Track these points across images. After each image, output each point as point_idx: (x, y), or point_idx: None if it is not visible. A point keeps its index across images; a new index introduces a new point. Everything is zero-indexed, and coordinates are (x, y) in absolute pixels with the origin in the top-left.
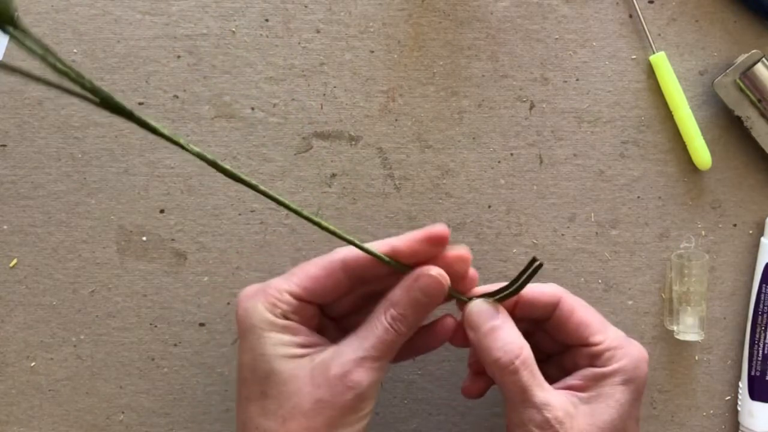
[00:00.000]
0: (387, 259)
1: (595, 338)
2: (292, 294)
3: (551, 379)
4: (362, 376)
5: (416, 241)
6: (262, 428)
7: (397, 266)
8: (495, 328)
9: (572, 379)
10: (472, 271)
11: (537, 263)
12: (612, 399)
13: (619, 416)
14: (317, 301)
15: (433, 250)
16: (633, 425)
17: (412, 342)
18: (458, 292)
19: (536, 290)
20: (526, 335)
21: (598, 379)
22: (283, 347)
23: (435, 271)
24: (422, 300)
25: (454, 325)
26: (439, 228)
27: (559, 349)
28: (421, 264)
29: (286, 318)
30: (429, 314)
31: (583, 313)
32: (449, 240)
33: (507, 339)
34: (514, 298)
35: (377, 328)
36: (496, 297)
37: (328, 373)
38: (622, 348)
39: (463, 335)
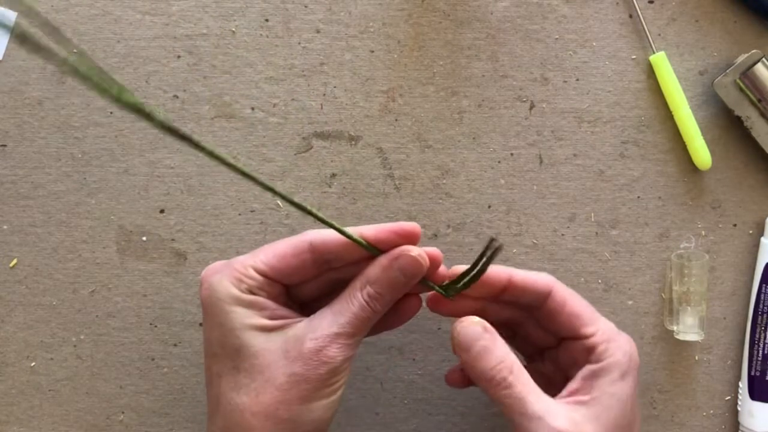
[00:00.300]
0: (362, 241)
1: (588, 330)
2: (257, 270)
3: (549, 378)
4: (336, 352)
5: (385, 231)
6: (235, 403)
7: (371, 249)
8: (485, 348)
9: (573, 384)
10: (443, 268)
11: (497, 245)
12: (614, 398)
13: (622, 413)
14: (283, 279)
15: (401, 243)
16: (636, 414)
17: (383, 317)
18: (428, 280)
19: (529, 277)
20: (517, 325)
21: (597, 376)
22: (253, 321)
23: (416, 251)
24: (400, 279)
25: (419, 306)
26: (411, 225)
27: (551, 342)
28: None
29: (252, 293)
30: (402, 294)
31: (576, 303)
32: (420, 240)
33: (498, 357)
34: (504, 281)
35: (353, 304)
36: (462, 282)
37: (301, 347)
38: (615, 341)
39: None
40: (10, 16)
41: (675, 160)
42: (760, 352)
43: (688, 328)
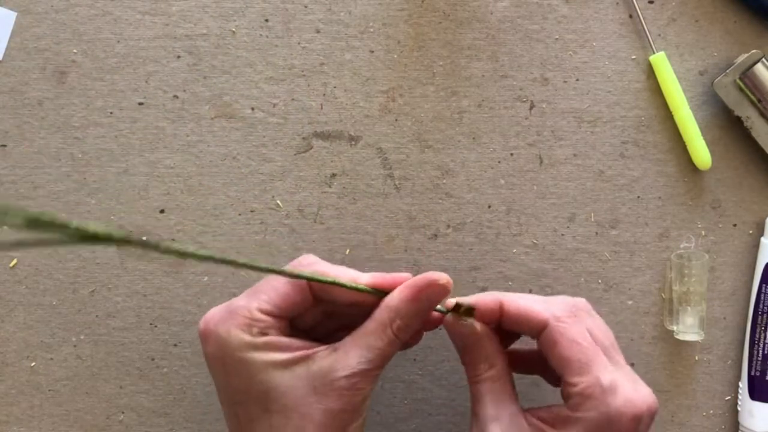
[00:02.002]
0: (365, 287)
1: (571, 379)
2: (263, 311)
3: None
4: (367, 383)
5: (383, 280)
6: None
7: (369, 292)
8: (467, 346)
9: (545, 411)
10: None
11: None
12: None
13: None
14: (286, 315)
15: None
16: None
17: None
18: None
19: (523, 310)
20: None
21: (564, 422)
22: (272, 361)
23: (444, 279)
24: (428, 308)
25: (420, 340)
26: (405, 277)
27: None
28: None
29: (264, 334)
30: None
31: (566, 349)
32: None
33: (484, 355)
34: (497, 310)
35: (382, 340)
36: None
37: (333, 384)
38: (597, 399)
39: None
40: (10, 16)
41: (675, 160)
42: (760, 352)
43: (688, 328)
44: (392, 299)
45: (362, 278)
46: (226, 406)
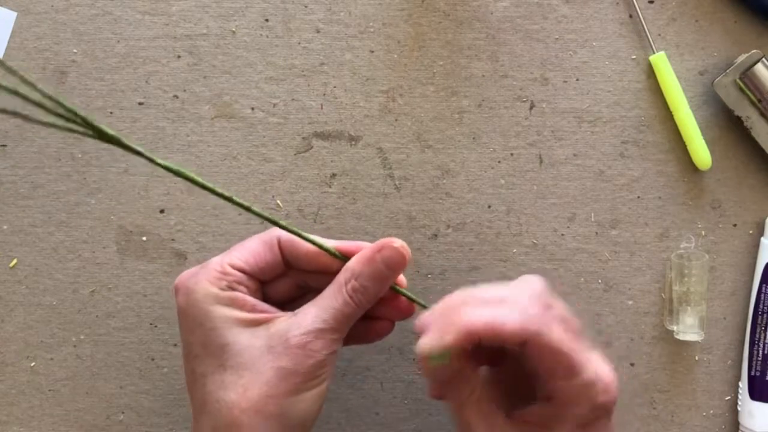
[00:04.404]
0: (331, 248)
1: (559, 383)
2: (234, 266)
3: (510, 384)
4: (321, 346)
5: (352, 245)
6: (223, 401)
7: (339, 257)
8: (453, 376)
9: (530, 411)
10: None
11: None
12: None
13: None
14: (258, 275)
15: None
16: None
17: (353, 329)
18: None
19: (495, 331)
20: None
21: (553, 420)
22: (235, 316)
23: (398, 242)
24: (384, 272)
25: (390, 329)
26: (396, 248)
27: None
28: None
29: (232, 289)
30: (386, 288)
31: (552, 360)
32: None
33: (460, 381)
34: (469, 341)
35: (337, 300)
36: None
37: (287, 342)
38: (587, 394)
39: None
40: (10, 16)
41: (675, 160)
42: (760, 352)
43: (688, 328)
44: (351, 261)
45: (329, 243)
46: (186, 360)
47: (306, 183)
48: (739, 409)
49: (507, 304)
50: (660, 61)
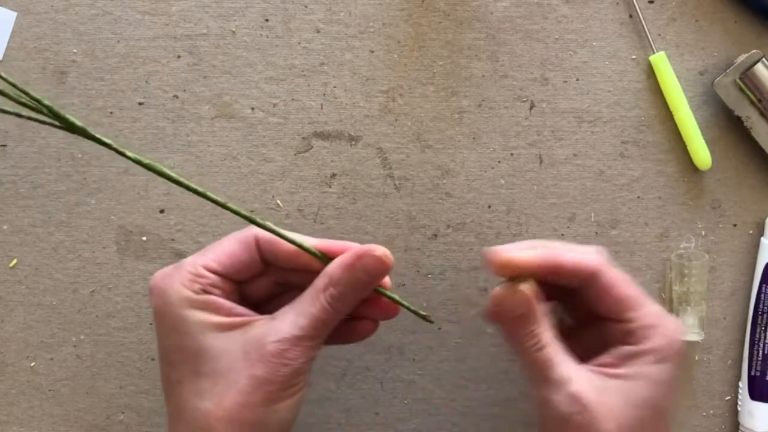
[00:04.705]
0: (311, 248)
1: (631, 314)
2: (208, 268)
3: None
4: (298, 353)
5: (330, 248)
6: (198, 409)
7: (320, 257)
8: (522, 317)
9: (604, 357)
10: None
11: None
12: (648, 378)
13: (655, 395)
14: (234, 276)
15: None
16: (668, 403)
17: (335, 329)
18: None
19: (570, 260)
20: (558, 299)
21: (631, 358)
22: (209, 321)
23: (380, 251)
24: (364, 280)
25: (373, 330)
26: (377, 253)
27: (587, 321)
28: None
29: (206, 293)
30: (366, 294)
31: (622, 288)
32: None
33: (532, 324)
34: (550, 266)
35: (315, 306)
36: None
37: (263, 349)
38: (658, 327)
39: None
40: (10, 16)
41: (675, 160)
42: (760, 352)
43: (688, 328)
44: (330, 266)
45: (310, 241)
46: (161, 365)
47: (306, 183)
48: (739, 409)
49: (575, 250)
50: (660, 61)
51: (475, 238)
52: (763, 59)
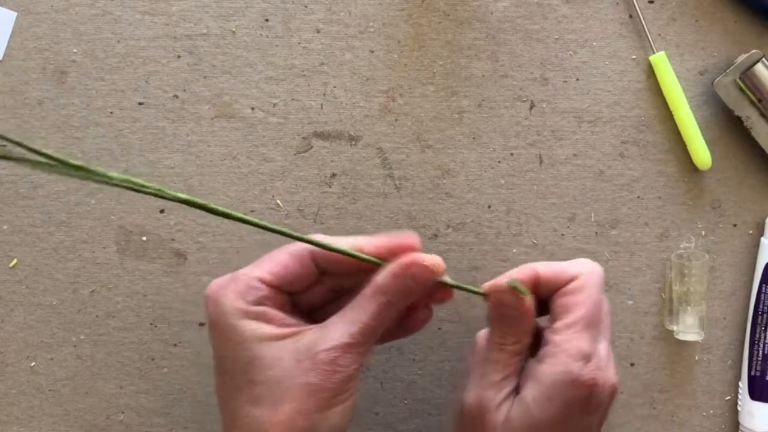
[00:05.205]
0: (362, 255)
1: (559, 324)
2: (262, 280)
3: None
4: (349, 361)
5: (385, 244)
6: (254, 416)
7: (371, 260)
8: (518, 317)
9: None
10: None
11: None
12: (529, 415)
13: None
14: (288, 288)
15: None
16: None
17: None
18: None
19: (557, 267)
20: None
21: (526, 376)
22: (262, 332)
23: (429, 260)
24: (413, 288)
25: (429, 317)
26: (410, 238)
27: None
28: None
29: (259, 304)
30: (415, 298)
31: (581, 297)
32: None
33: (519, 331)
34: (534, 280)
35: (365, 314)
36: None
37: (315, 358)
38: (568, 358)
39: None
40: (10, 16)
41: (675, 160)
42: (760, 352)
43: (688, 328)
44: (379, 275)
45: (364, 243)
46: (216, 374)
47: (306, 183)
48: (739, 409)
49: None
50: (660, 61)
51: (475, 238)
52: (763, 59)
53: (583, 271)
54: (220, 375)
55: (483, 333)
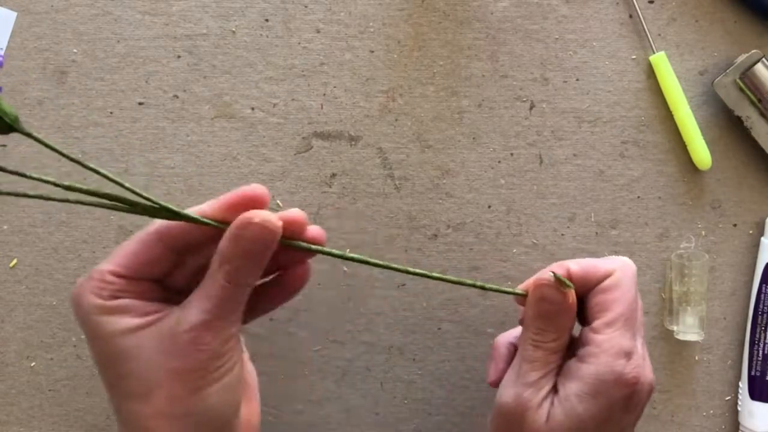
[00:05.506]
0: (204, 219)
1: (599, 324)
2: (113, 273)
3: None
4: (211, 337)
5: (225, 202)
6: (130, 410)
7: (218, 225)
8: (559, 313)
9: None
10: (315, 228)
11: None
12: (573, 413)
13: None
14: (142, 275)
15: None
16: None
17: (264, 293)
18: (291, 240)
19: (591, 264)
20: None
21: (567, 376)
22: (121, 325)
23: (259, 217)
24: (254, 249)
25: (306, 275)
26: (251, 188)
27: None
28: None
29: (116, 298)
30: (268, 259)
31: (619, 295)
32: (268, 198)
33: (559, 329)
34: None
35: (214, 287)
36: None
37: (175, 340)
38: (611, 357)
39: None
40: (10, 16)
41: (675, 160)
42: (760, 352)
43: (688, 328)
44: (220, 242)
45: (205, 207)
46: (100, 377)
47: (306, 183)
48: (739, 409)
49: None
50: (660, 61)
51: (475, 238)
52: (763, 59)
53: (618, 267)
54: (99, 372)
55: (505, 335)
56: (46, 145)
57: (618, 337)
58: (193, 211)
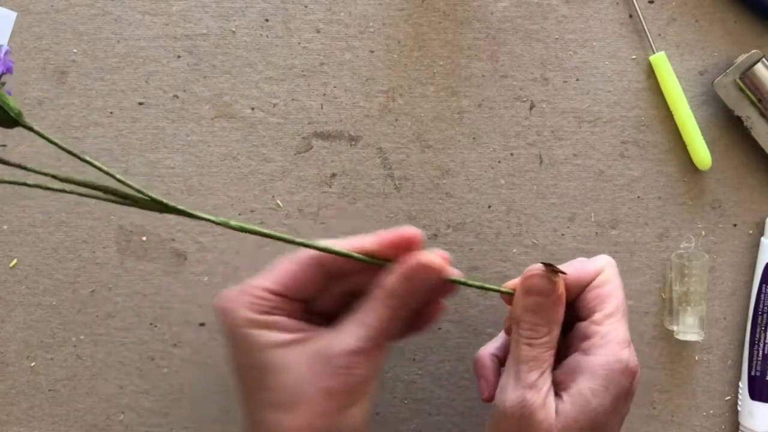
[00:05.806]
0: (364, 257)
1: (599, 316)
2: (269, 290)
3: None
4: (363, 364)
5: (387, 242)
6: (270, 420)
7: (376, 261)
8: (551, 304)
9: (558, 372)
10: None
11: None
12: (584, 402)
13: (590, 417)
14: (296, 296)
15: (403, 252)
16: (611, 419)
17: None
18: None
19: (580, 265)
20: None
21: (577, 372)
22: (273, 339)
23: (437, 263)
24: (422, 287)
25: (443, 310)
26: (412, 232)
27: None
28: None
29: (269, 314)
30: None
31: (612, 290)
32: (422, 242)
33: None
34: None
35: (376, 318)
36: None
37: (329, 362)
38: (616, 345)
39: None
40: (10, 16)
41: (675, 160)
42: (760, 352)
43: (688, 328)
44: (387, 278)
45: (366, 243)
46: (236, 382)
47: (306, 183)
48: (739, 409)
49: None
50: (660, 61)
51: (475, 238)
52: (763, 59)
53: (605, 264)
54: (238, 383)
55: (485, 349)
56: (48, 140)
57: (619, 327)
58: (347, 243)
